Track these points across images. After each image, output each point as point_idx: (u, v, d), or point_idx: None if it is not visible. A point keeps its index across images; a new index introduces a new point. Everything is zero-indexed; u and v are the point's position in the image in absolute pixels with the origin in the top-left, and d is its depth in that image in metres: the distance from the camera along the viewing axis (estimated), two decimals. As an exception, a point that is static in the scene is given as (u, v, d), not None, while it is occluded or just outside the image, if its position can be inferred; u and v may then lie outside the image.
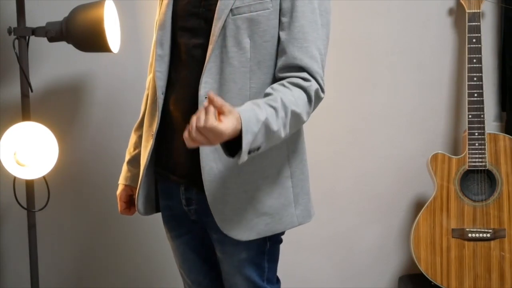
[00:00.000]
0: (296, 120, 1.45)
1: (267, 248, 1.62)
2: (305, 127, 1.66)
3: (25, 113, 2.18)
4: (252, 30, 1.48)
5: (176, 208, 1.67)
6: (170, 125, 1.61)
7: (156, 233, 2.56)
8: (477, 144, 2.36)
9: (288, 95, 1.43)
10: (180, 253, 1.75)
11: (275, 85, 1.46)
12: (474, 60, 2.36)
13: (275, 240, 1.64)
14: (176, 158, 1.61)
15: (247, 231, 1.55)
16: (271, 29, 1.49)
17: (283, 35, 1.49)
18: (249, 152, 1.36)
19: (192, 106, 1.51)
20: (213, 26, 1.50)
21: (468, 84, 2.37)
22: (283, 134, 1.42)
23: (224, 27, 1.48)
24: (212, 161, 1.52)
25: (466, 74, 2.38)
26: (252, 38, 1.49)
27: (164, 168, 1.65)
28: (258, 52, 1.49)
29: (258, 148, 1.38)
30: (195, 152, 1.52)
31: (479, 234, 2.37)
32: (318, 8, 1.50)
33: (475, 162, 2.37)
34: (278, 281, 1.71)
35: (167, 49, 1.60)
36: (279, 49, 1.50)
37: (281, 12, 1.49)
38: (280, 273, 1.73)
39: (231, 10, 1.48)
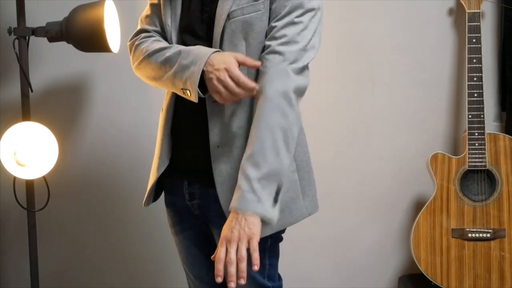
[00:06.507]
0: (290, 133, 1.49)
1: (268, 245, 1.63)
2: (305, 127, 1.66)
3: (25, 113, 2.18)
4: (246, 33, 1.51)
5: (179, 203, 1.68)
6: (176, 125, 1.64)
7: (156, 233, 2.56)
8: (477, 144, 2.36)
9: (273, 120, 1.46)
10: (183, 247, 1.77)
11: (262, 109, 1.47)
12: (474, 60, 2.37)
13: (276, 237, 1.65)
14: (180, 154, 1.64)
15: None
16: (263, 30, 1.52)
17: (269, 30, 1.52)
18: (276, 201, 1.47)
19: (198, 107, 1.54)
20: (214, 32, 1.53)
21: (468, 84, 2.37)
22: (287, 159, 1.48)
23: (223, 32, 1.52)
24: (221, 163, 1.55)
25: (466, 74, 2.38)
26: (247, 40, 1.52)
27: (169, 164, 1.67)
28: (253, 54, 1.52)
29: (279, 189, 1.47)
30: (204, 151, 1.56)
31: (479, 234, 2.37)
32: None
33: (475, 162, 2.37)
34: (280, 278, 1.72)
35: None
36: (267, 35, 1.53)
37: (270, 12, 1.51)
38: (280, 273, 1.73)
39: (227, 14, 1.51)
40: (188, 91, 1.50)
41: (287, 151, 1.47)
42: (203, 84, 1.49)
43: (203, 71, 1.47)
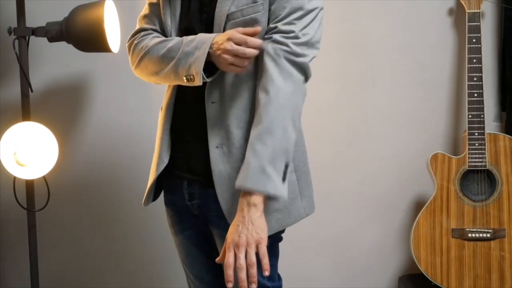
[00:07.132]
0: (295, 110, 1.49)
1: (268, 245, 1.62)
2: (305, 127, 1.66)
3: (25, 113, 2.18)
4: None
5: (179, 203, 1.68)
6: (176, 125, 1.64)
7: (156, 233, 2.56)
8: (477, 144, 2.36)
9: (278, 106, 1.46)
10: (183, 247, 1.76)
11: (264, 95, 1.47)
12: (474, 60, 2.37)
13: (275, 237, 1.65)
14: (180, 154, 1.64)
15: None
16: (263, 31, 1.52)
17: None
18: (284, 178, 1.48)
19: (197, 107, 1.55)
20: (213, 32, 1.53)
21: (468, 84, 2.37)
22: (293, 135, 1.48)
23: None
24: (221, 164, 1.55)
25: (466, 74, 2.38)
26: None
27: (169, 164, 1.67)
28: None
29: (287, 166, 1.47)
30: (203, 151, 1.56)
31: (479, 234, 2.37)
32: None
33: (475, 162, 2.37)
34: (279, 278, 1.72)
35: None
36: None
37: (270, 13, 1.51)
38: (280, 273, 1.73)
39: (227, 16, 1.51)
40: (192, 76, 1.50)
41: (293, 128, 1.48)
42: (207, 69, 1.49)
43: (209, 54, 1.47)
